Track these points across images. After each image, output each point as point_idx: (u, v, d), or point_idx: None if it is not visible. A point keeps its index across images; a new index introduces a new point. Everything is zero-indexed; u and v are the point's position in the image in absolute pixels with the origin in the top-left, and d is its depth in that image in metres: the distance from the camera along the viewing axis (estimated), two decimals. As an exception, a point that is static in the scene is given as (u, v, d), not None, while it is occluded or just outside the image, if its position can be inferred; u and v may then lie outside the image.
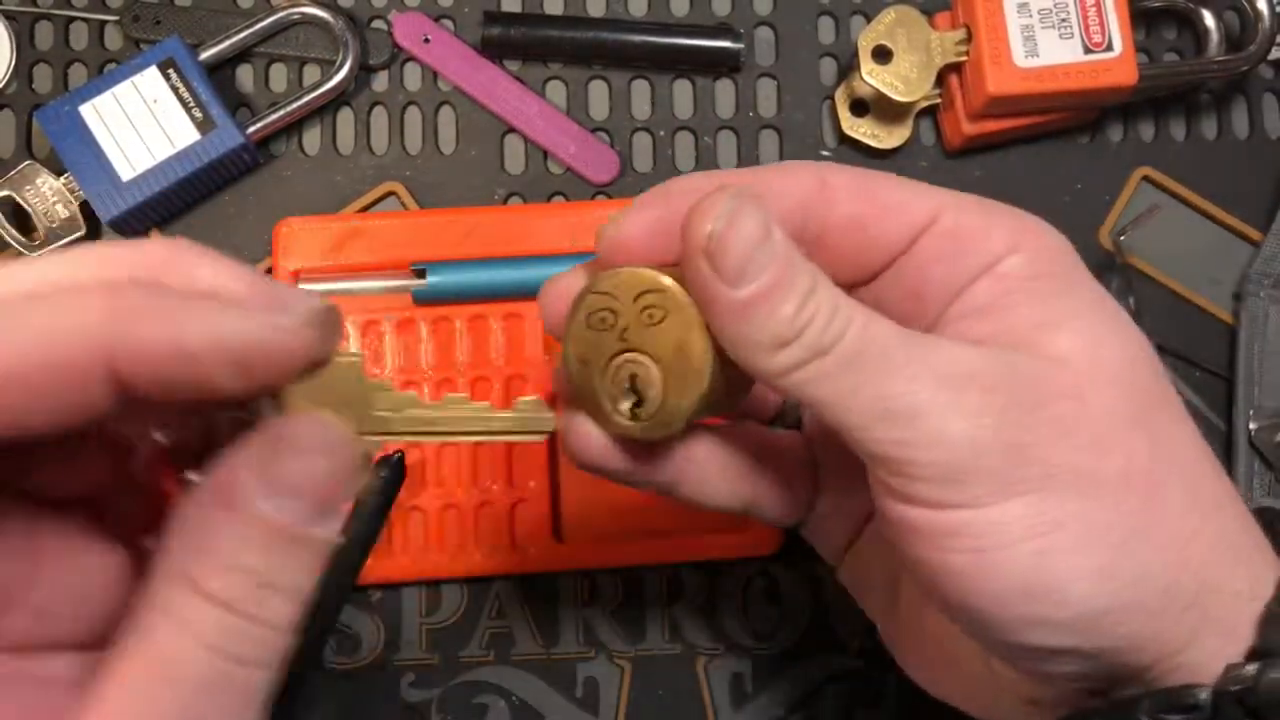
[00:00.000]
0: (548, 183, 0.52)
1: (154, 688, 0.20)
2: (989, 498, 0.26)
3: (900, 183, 0.30)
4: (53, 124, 0.48)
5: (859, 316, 0.26)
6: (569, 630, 0.48)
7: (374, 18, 0.53)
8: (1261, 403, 0.49)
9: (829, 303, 0.26)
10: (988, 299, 0.28)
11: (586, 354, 0.29)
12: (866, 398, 0.26)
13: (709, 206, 0.26)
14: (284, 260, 0.48)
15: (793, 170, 0.29)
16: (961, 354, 0.26)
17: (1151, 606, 0.26)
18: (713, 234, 0.25)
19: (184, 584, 0.20)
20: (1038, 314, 0.28)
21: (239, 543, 0.21)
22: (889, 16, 0.50)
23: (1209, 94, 0.53)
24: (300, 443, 0.22)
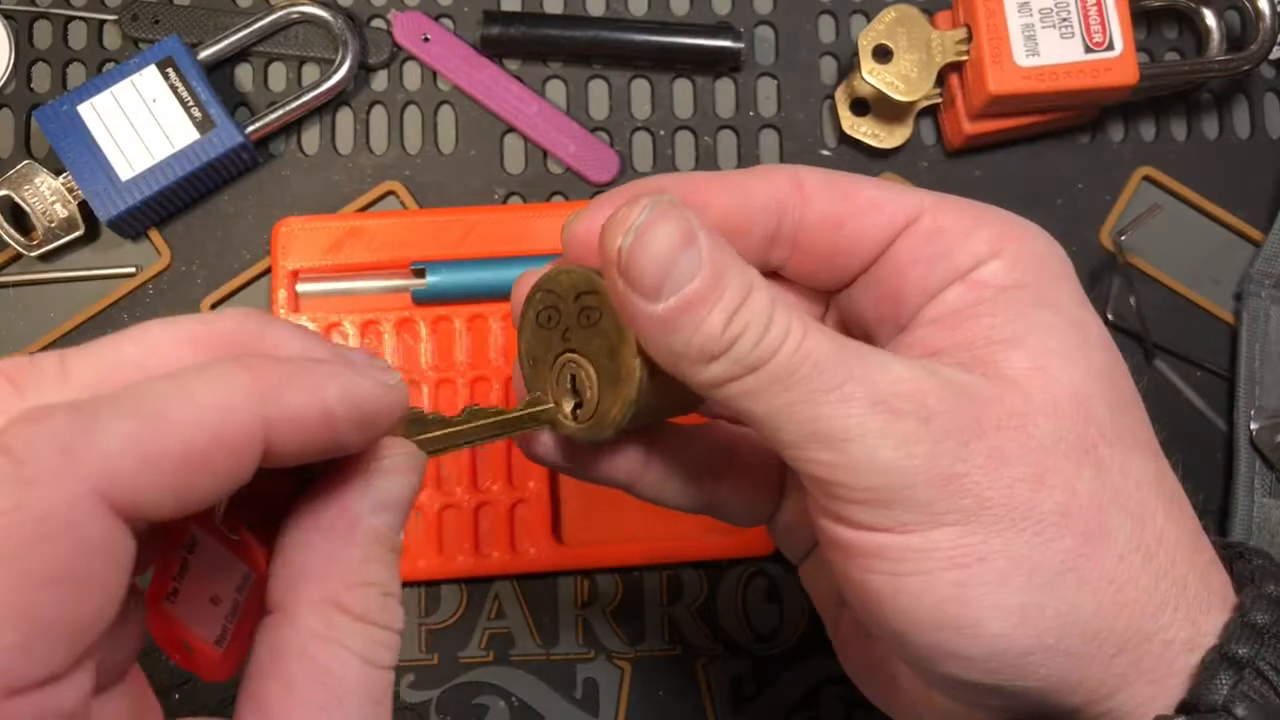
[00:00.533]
0: (547, 182, 0.52)
1: (339, 706, 0.22)
2: (915, 525, 0.25)
3: (881, 183, 0.29)
4: (51, 123, 0.48)
5: (795, 330, 0.25)
6: (568, 631, 0.47)
7: (373, 17, 0.53)
8: (1262, 402, 0.49)
9: (762, 315, 0.24)
10: (958, 305, 0.27)
11: (536, 352, 0.29)
12: (798, 417, 0.25)
13: (621, 218, 0.24)
14: (283, 260, 0.48)
15: (767, 173, 0.28)
16: (904, 374, 0.25)
17: (1076, 650, 0.25)
18: (622, 248, 0.24)
19: (329, 606, 0.22)
20: (1002, 328, 0.26)
21: (362, 561, 0.23)
22: (889, 15, 0.50)
23: (1210, 93, 0.53)
24: (395, 465, 0.24)
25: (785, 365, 0.24)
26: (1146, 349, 0.50)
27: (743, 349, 0.24)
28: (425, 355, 0.47)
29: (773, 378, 0.24)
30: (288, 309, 0.47)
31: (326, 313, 0.47)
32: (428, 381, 0.47)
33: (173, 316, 0.23)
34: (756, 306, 0.24)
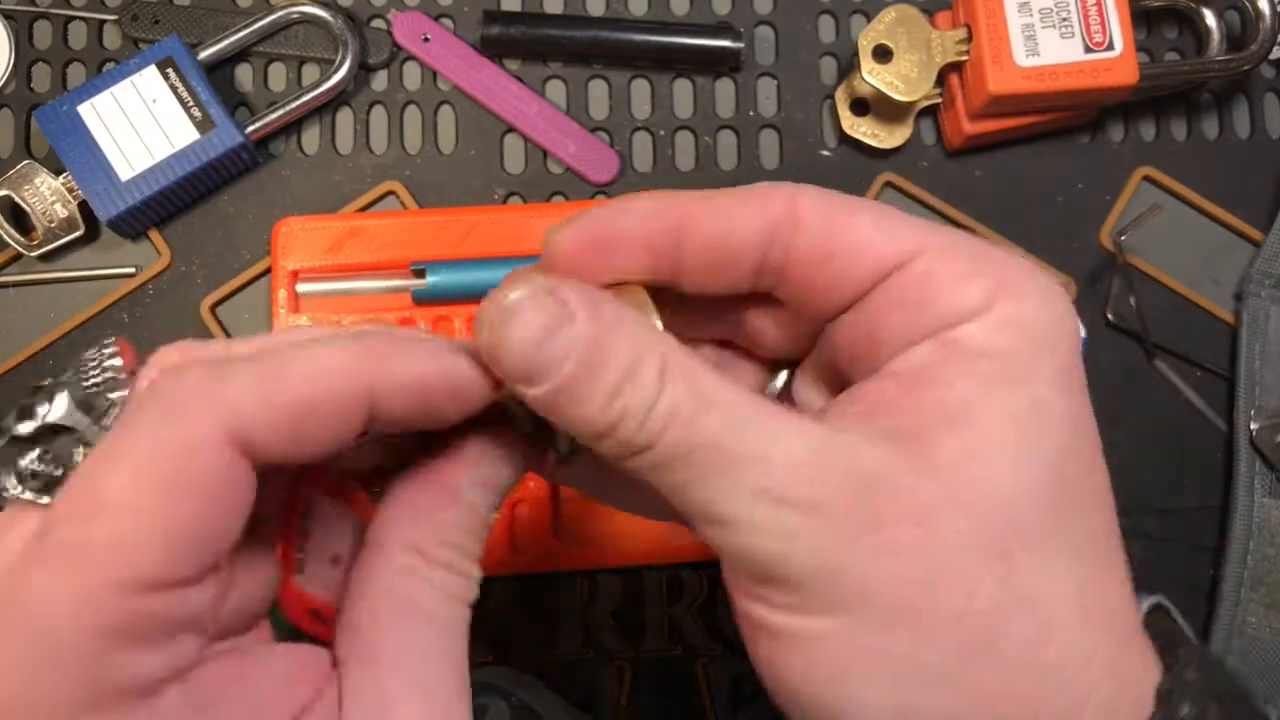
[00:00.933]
0: (548, 182, 0.52)
1: (420, 628, 0.25)
2: (795, 609, 0.24)
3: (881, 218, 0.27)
4: (51, 123, 0.48)
5: (684, 410, 0.24)
6: (569, 631, 0.47)
7: (373, 17, 0.53)
8: (1262, 403, 0.49)
9: (644, 398, 0.24)
10: (923, 364, 0.25)
11: None
12: (689, 496, 0.24)
13: (481, 312, 0.24)
14: (283, 260, 0.47)
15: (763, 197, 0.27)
16: (802, 458, 0.24)
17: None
18: (486, 345, 0.24)
19: (415, 552, 0.26)
20: (953, 403, 0.25)
21: (454, 525, 0.26)
22: (889, 16, 0.50)
23: (1210, 93, 0.53)
24: (503, 455, 0.27)
25: (672, 448, 0.24)
26: (1146, 349, 0.50)
27: (625, 432, 0.24)
28: (425, 355, 0.47)
29: (661, 459, 0.24)
30: (287, 309, 0.47)
31: (326, 313, 0.47)
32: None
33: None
34: (640, 388, 0.24)
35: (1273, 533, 0.47)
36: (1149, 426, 0.49)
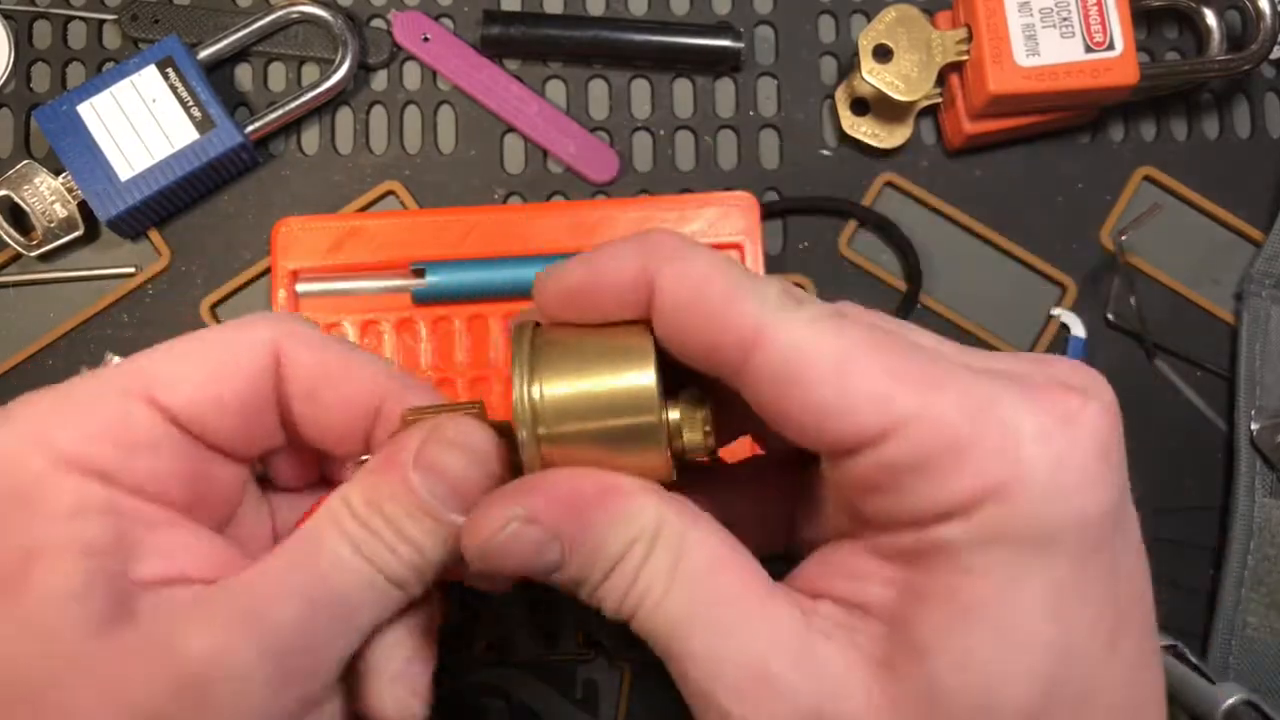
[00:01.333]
0: (547, 182, 0.52)
1: (308, 543, 0.27)
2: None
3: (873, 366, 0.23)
4: (51, 123, 0.48)
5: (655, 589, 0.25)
6: (569, 632, 0.47)
7: (373, 16, 0.53)
8: (1263, 403, 0.49)
9: (622, 580, 0.26)
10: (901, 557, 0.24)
11: None
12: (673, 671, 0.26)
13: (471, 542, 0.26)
14: (283, 260, 0.47)
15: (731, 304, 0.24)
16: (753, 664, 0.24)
17: None
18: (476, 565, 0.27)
19: (343, 503, 0.27)
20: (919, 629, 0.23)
21: (386, 495, 0.27)
22: (890, 15, 0.49)
23: (1210, 93, 0.53)
24: (446, 436, 0.28)
25: (640, 627, 0.26)
26: (1147, 349, 0.50)
27: (606, 609, 0.26)
28: (425, 355, 0.47)
29: (636, 631, 0.26)
30: (287, 309, 0.47)
31: (326, 313, 0.47)
32: (427, 382, 0.47)
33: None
34: (621, 577, 0.26)
35: (1273, 533, 0.47)
36: (1149, 426, 0.49)
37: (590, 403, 0.26)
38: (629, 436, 0.26)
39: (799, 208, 0.51)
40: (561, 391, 0.26)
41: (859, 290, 0.51)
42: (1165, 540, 0.48)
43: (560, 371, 0.26)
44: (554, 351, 0.27)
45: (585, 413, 0.26)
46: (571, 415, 0.26)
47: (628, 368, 0.26)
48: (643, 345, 0.26)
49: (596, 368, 0.26)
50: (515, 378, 0.26)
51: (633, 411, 0.26)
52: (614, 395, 0.26)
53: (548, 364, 0.27)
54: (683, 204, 0.48)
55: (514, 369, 0.26)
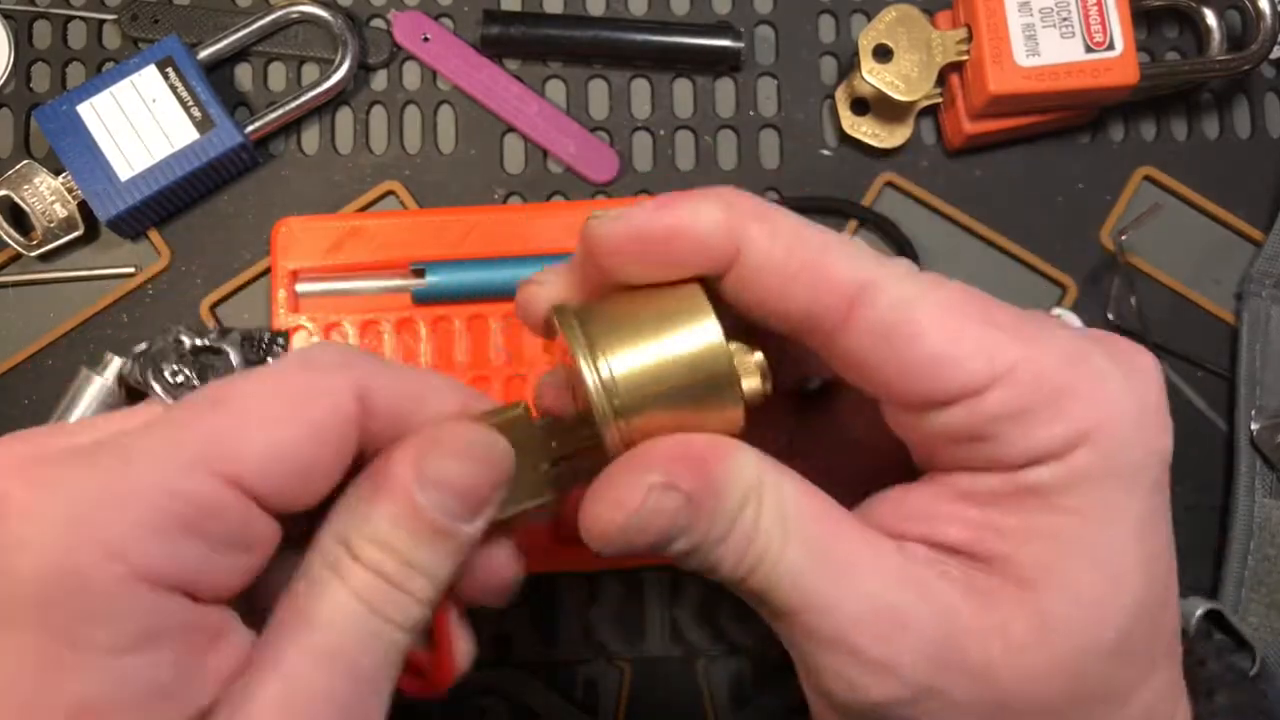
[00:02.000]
0: (547, 182, 0.52)
1: (319, 623, 0.23)
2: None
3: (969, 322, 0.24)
4: (51, 123, 0.48)
5: (773, 547, 0.25)
6: (569, 632, 0.47)
7: (373, 16, 0.53)
8: (1263, 403, 0.49)
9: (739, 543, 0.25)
10: (992, 507, 0.25)
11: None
12: (776, 627, 0.27)
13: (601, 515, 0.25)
14: (283, 260, 0.47)
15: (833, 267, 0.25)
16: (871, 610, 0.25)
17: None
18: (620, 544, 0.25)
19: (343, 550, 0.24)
20: (1024, 567, 0.25)
21: (390, 524, 0.24)
22: (890, 15, 0.49)
23: (1210, 93, 0.53)
24: (451, 445, 0.25)
25: (759, 586, 0.25)
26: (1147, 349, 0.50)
27: (722, 574, 0.26)
28: (425, 355, 0.47)
29: (749, 593, 0.26)
30: (287, 309, 0.47)
31: (326, 313, 0.47)
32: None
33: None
34: (736, 539, 0.25)
35: (1273, 533, 0.47)
36: (1149, 426, 0.49)
37: (661, 369, 0.25)
38: (705, 395, 0.26)
39: (799, 207, 0.51)
40: (630, 363, 0.25)
41: (859, 290, 0.51)
42: (1165, 540, 0.48)
43: (623, 342, 0.26)
44: (608, 324, 0.26)
45: (658, 379, 0.25)
46: (645, 385, 0.25)
47: (691, 324, 0.26)
48: (699, 302, 0.26)
49: (658, 332, 0.26)
50: (578, 359, 0.25)
51: (706, 369, 0.26)
52: (683, 356, 0.25)
53: (607, 338, 0.26)
54: (683, 204, 0.48)
55: (573, 350, 0.25)
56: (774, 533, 0.25)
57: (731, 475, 0.25)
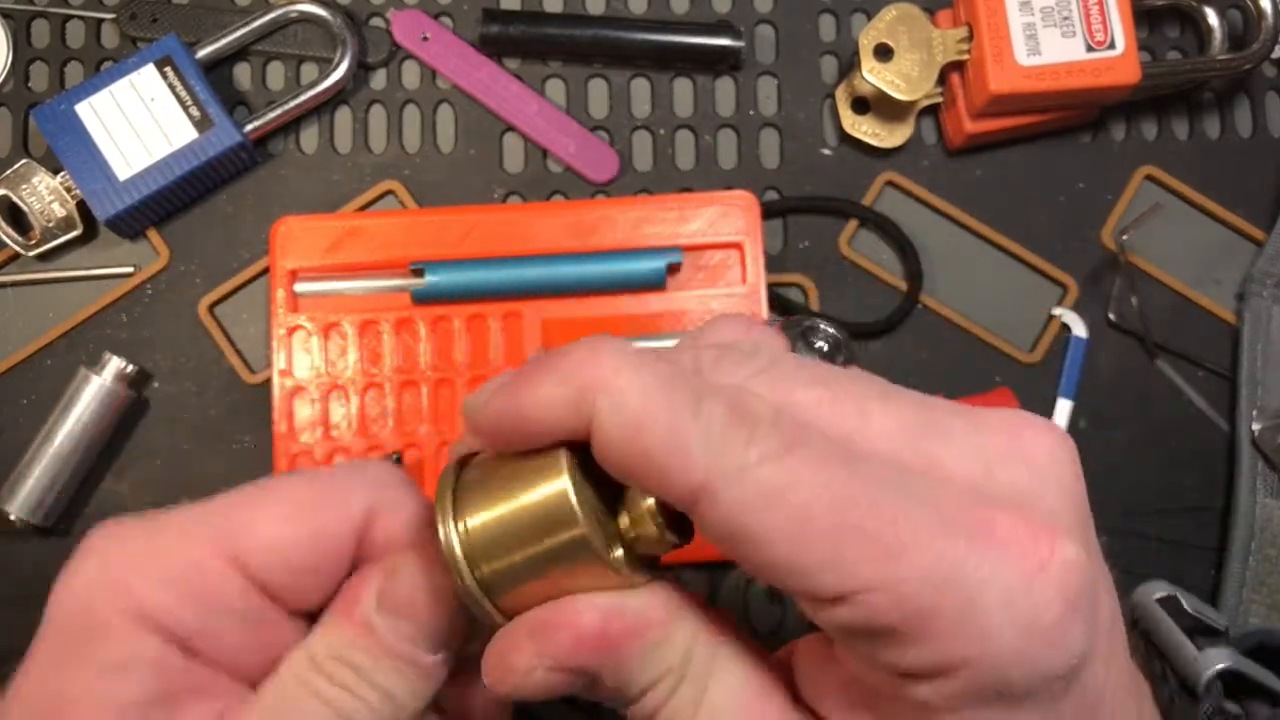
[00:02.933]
0: (547, 181, 0.51)
1: (278, 710, 0.26)
2: None
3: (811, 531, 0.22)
4: (49, 122, 0.48)
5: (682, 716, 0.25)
6: (568, 631, 0.47)
7: (372, 15, 0.52)
8: (1264, 403, 0.48)
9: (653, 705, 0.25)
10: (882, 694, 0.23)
11: None
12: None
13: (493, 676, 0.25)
14: (282, 259, 0.47)
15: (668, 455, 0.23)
16: None
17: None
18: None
19: (307, 657, 0.26)
20: None
21: (348, 645, 0.26)
22: (890, 14, 0.49)
23: (1212, 92, 0.53)
24: (403, 573, 0.26)
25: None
26: (1148, 349, 0.50)
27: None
28: (424, 355, 0.47)
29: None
30: (286, 309, 0.47)
31: (325, 312, 0.47)
32: (427, 382, 0.47)
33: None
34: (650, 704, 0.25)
35: (1274, 534, 0.47)
36: (1150, 426, 0.49)
37: (513, 531, 0.24)
38: (562, 556, 0.24)
39: (799, 207, 0.51)
40: (484, 526, 0.25)
41: (859, 290, 0.50)
42: (1166, 541, 0.48)
43: (479, 505, 0.25)
44: (474, 488, 0.25)
45: (511, 542, 0.24)
46: (498, 548, 0.24)
47: (541, 484, 0.24)
48: (554, 460, 0.24)
49: (511, 493, 0.24)
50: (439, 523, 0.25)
51: (555, 529, 0.24)
52: (533, 516, 0.24)
53: (468, 501, 0.25)
54: (683, 203, 0.48)
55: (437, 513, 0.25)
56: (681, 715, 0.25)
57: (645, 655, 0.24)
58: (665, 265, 0.47)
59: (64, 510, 0.47)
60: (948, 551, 0.22)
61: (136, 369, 0.48)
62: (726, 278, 0.48)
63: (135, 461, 0.49)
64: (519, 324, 0.47)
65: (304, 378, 0.47)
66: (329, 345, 0.47)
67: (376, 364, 0.47)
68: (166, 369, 0.49)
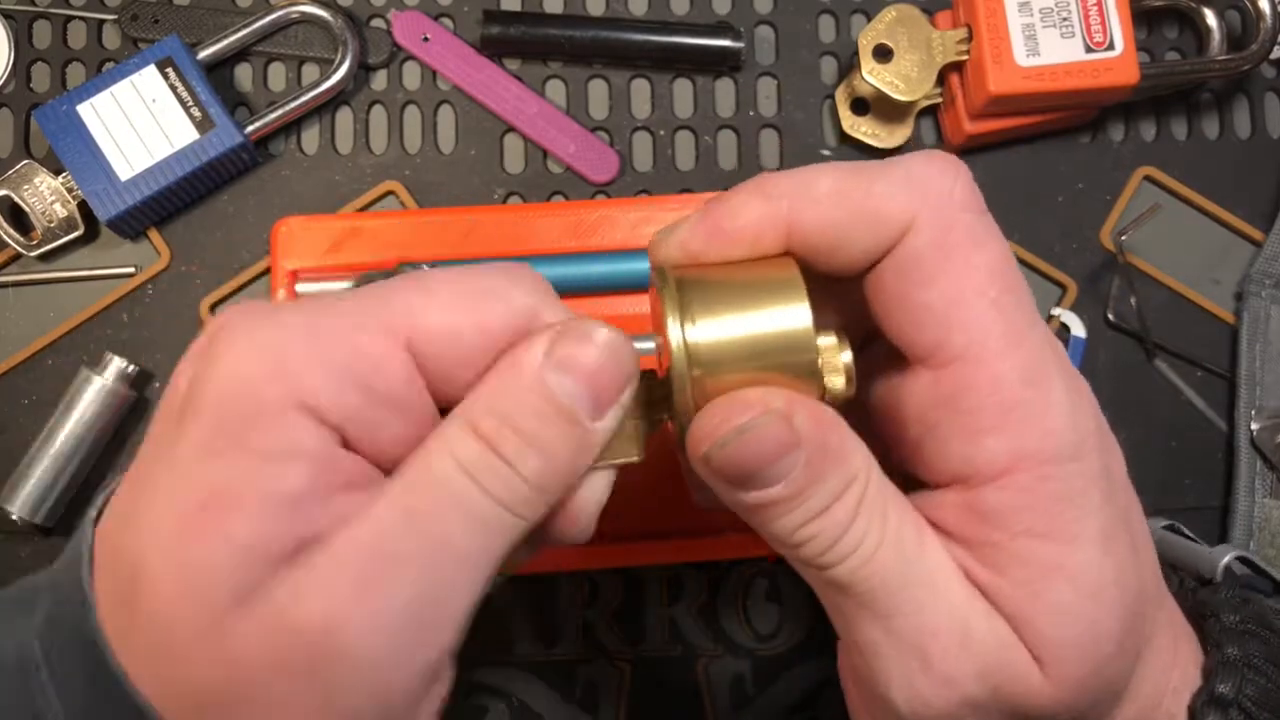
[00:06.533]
0: (547, 182, 0.52)
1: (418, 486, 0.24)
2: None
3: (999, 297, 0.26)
4: (51, 123, 0.48)
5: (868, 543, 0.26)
6: (569, 632, 0.47)
7: (373, 16, 0.53)
8: (1263, 403, 0.49)
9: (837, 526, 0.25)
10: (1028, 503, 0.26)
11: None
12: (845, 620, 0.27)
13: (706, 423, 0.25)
14: (283, 260, 0.47)
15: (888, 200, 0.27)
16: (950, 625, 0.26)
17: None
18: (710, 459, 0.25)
19: (461, 421, 0.25)
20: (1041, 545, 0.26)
21: (514, 401, 0.25)
22: (890, 15, 0.49)
23: (1210, 93, 0.53)
24: (588, 335, 0.25)
25: (846, 578, 0.26)
26: (1147, 349, 0.50)
27: (810, 552, 0.26)
28: (425, 355, 0.47)
29: (831, 581, 0.26)
30: (287, 309, 0.47)
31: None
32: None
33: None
34: (837, 517, 0.25)
35: (1273, 533, 0.47)
36: (1149, 426, 0.49)
37: (747, 344, 0.26)
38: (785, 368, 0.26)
39: (799, 208, 0.51)
40: (717, 333, 0.26)
41: (859, 290, 0.51)
42: (1165, 540, 0.48)
43: (712, 311, 0.26)
44: (701, 291, 0.26)
45: (743, 354, 0.26)
46: (729, 356, 0.26)
47: (782, 303, 0.26)
48: (792, 279, 0.26)
49: (749, 305, 0.26)
50: (668, 319, 0.26)
51: (791, 350, 0.26)
52: (771, 335, 0.26)
53: (698, 304, 0.26)
54: (683, 204, 0.48)
55: (665, 309, 0.26)
56: (871, 529, 0.26)
57: (846, 449, 0.26)
58: (665, 265, 0.47)
59: (65, 510, 0.47)
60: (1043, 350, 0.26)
61: (137, 369, 0.48)
62: (726, 278, 0.48)
63: (136, 461, 0.49)
64: (519, 324, 0.48)
65: (305, 378, 0.47)
66: (330, 345, 0.47)
67: (377, 364, 0.47)
68: (167, 369, 0.49)
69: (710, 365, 0.26)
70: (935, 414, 0.26)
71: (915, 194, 0.26)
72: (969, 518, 0.26)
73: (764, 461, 0.25)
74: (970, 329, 0.26)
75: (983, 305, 0.26)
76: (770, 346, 0.26)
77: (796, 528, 0.26)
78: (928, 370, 0.26)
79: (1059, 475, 0.25)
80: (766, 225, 0.27)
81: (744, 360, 0.26)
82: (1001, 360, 0.26)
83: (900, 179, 0.26)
